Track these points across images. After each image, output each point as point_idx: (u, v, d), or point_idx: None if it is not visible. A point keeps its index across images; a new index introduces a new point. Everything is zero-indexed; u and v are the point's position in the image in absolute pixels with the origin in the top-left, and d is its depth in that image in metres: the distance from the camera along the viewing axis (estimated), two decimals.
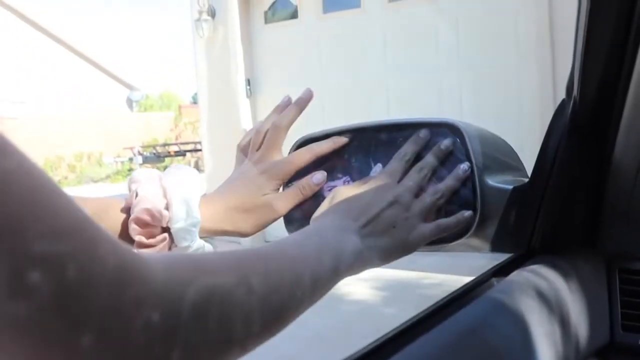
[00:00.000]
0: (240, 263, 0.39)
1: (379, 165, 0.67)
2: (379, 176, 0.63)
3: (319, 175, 0.68)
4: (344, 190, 0.62)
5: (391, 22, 5.31)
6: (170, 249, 0.62)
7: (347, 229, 0.54)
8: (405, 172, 0.64)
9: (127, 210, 0.62)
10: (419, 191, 0.62)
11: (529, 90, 4.62)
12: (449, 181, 0.63)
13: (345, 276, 0.51)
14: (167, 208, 0.61)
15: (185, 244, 0.62)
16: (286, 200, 0.67)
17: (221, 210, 0.65)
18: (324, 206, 0.63)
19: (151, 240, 0.61)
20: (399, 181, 0.62)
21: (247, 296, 0.37)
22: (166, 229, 0.62)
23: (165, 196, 0.62)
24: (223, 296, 0.35)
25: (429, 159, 0.64)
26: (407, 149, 0.65)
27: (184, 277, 0.33)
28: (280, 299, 0.41)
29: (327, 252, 0.49)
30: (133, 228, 0.61)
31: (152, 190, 0.62)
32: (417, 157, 0.66)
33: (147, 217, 0.61)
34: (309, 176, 0.68)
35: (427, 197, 0.62)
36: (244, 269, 0.39)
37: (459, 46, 4.99)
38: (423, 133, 0.66)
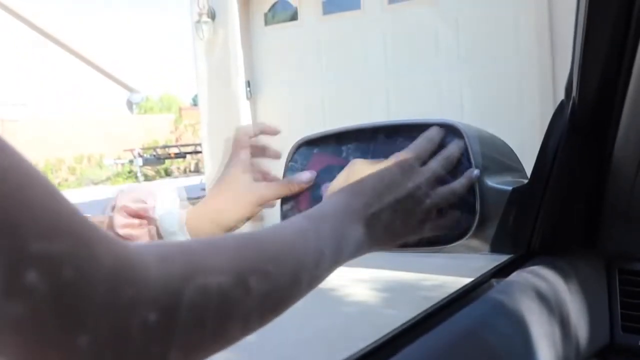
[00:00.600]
0: (238, 258, 0.38)
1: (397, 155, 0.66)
2: (404, 155, 0.60)
3: (308, 174, 0.68)
4: (362, 166, 0.61)
5: (391, 24, 5.32)
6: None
7: (356, 216, 0.52)
8: (430, 156, 0.61)
9: (112, 209, 0.64)
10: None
11: (529, 91, 4.62)
12: (463, 181, 0.61)
13: (342, 264, 0.50)
14: (152, 204, 0.63)
15: (171, 229, 0.63)
16: (272, 190, 0.68)
17: (202, 207, 0.67)
18: (340, 179, 0.62)
19: (137, 232, 0.62)
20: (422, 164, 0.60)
21: (246, 296, 0.37)
22: (151, 222, 0.63)
23: (150, 193, 0.64)
24: (221, 296, 0.35)
25: (453, 151, 0.62)
26: (433, 133, 0.63)
27: (180, 276, 0.33)
28: (279, 296, 0.41)
29: (330, 243, 0.47)
30: (118, 220, 0.62)
31: (137, 188, 0.65)
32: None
33: (133, 205, 0.62)
34: (298, 174, 0.69)
35: (441, 196, 0.59)
36: (242, 265, 0.38)
37: (459, 47, 5.00)
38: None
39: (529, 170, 0.74)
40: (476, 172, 0.63)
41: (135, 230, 0.62)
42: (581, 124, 0.68)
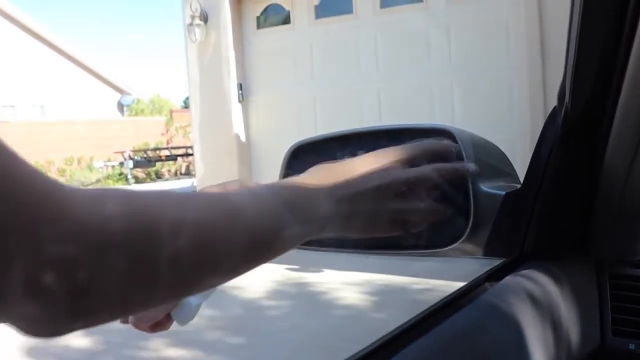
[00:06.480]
0: (227, 216, 0.40)
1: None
2: (394, 151, 0.59)
3: None
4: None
5: (383, 28, 5.34)
6: None
7: (326, 192, 0.52)
8: (414, 162, 0.59)
9: None
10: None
11: (520, 96, 4.65)
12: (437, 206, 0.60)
13: (312, 237, 0.50)
14: None
15: None
16: None
17: None
18: None
19: None
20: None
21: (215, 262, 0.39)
22: None
23: None
24: (188, 258, 0.36)
25: (453, 167, 0.61)
26: (430, 145, 0.62)
27: (145, 229, 0.33)
28: (247, 265, 0.43)
29: (299, 214, 0.48)
30: None
31: None
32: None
33: None
34: None
35: (418, 208, 0.58)
36: (229, 224, 0.40)
37: (451, 52, 5.02)
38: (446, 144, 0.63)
39: (521, 174, 0.74)
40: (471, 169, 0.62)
41: None
42: (573, 130, 0.69)
